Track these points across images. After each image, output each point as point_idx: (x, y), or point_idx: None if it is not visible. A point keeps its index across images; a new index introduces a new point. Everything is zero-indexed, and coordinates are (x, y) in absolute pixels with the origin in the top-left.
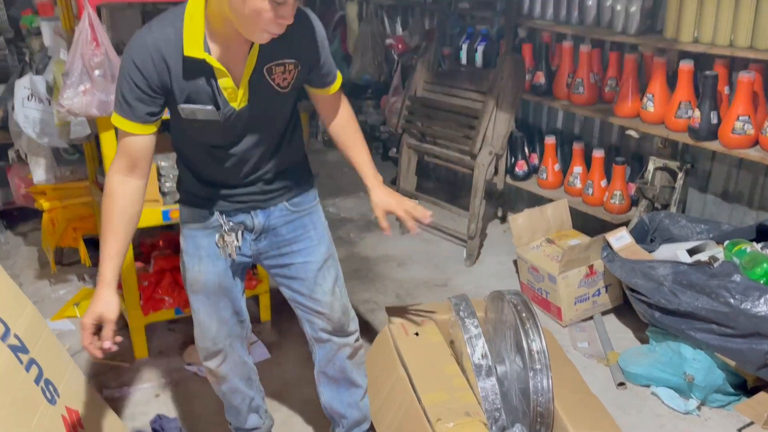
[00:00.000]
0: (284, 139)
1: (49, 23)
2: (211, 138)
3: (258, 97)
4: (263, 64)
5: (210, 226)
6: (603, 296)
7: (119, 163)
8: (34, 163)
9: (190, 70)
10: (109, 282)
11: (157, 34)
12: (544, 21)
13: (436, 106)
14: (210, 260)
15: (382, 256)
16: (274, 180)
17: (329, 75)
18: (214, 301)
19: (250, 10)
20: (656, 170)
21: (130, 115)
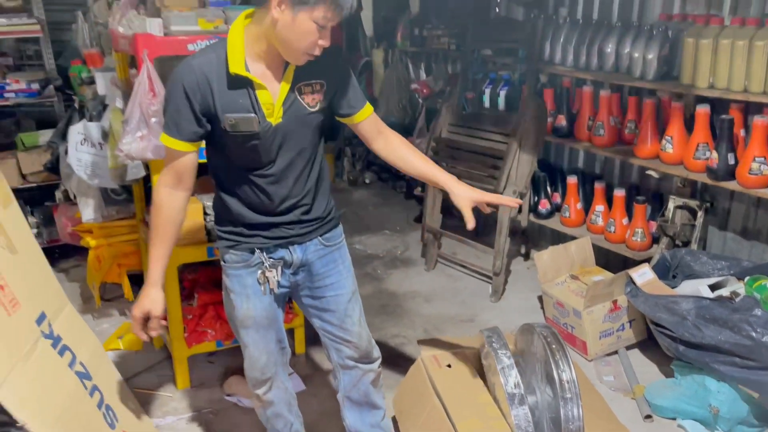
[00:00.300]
0: (314, 164)
1: (104, 74)
2: (251, 156)
3: (291, 114)
4: (296, 84)
5: (252, 264)
6: (627, 331)
7: (167, 177)
8: (83, 203)
9: (231, 85)
10: (155, 282)
11: (200, 59)
12: (565, 67)
13: (460, 147)
14: (257, 297)
15: (409, 292)
16: (309, 209)
17: (357, 101)
18: (263, 334)
19: (299, 32)
20: (676, 209)
21: (177, 134)
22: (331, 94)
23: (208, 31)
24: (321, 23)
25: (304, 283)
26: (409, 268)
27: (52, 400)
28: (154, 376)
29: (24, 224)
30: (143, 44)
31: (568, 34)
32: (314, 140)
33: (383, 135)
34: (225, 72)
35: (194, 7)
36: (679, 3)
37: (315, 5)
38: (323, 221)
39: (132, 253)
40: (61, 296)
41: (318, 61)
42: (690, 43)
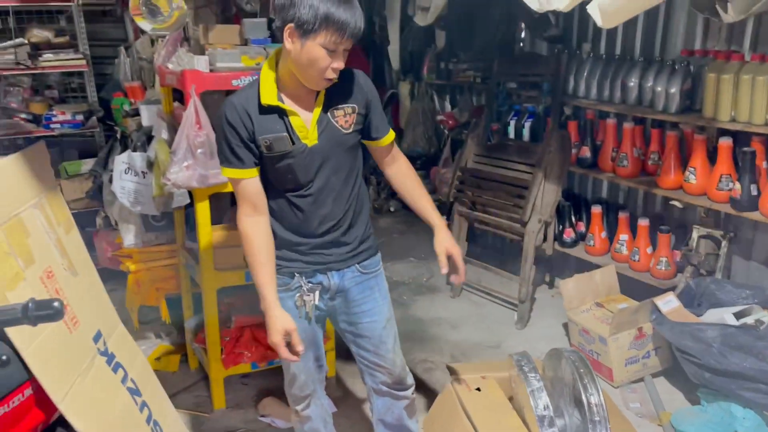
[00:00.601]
0: (354, 186)
1: (149, 107)
2: (289, 176)
3: (327, 136)
4: (327, 109)
5: (292, 288)
6: (653, 358)
7: (244, 208)
8: (124, 228)
9: (267, 113)
10: (274, 303)
11: (239, 96)
12: (589, 100)
13: (486, 176)
14: (296, 319)
15: (435, 318)
16: (347, 231)
17: (381, 127)
18: (303, 354)
19: (311, 59)
20: (700, 238)
21: (240, 164)
22: (363, 117)
23: (251, 67)
24: (330, 48)
25: (340, 308)
26: (434, 295)
27: (106, 413)
28: (191, 396)
29: (83, 248)
30: (191, 80)
31: (592, 69)
32: (352, 162)
33: (397, 162)
34: (260, 104)
35: (237, 45)
36: (701, 39)
37: (318, 32)
38: (361, 248)
39: (170, 278)
40: (114, 316)
41: (348, 87)
42: (712, 78)
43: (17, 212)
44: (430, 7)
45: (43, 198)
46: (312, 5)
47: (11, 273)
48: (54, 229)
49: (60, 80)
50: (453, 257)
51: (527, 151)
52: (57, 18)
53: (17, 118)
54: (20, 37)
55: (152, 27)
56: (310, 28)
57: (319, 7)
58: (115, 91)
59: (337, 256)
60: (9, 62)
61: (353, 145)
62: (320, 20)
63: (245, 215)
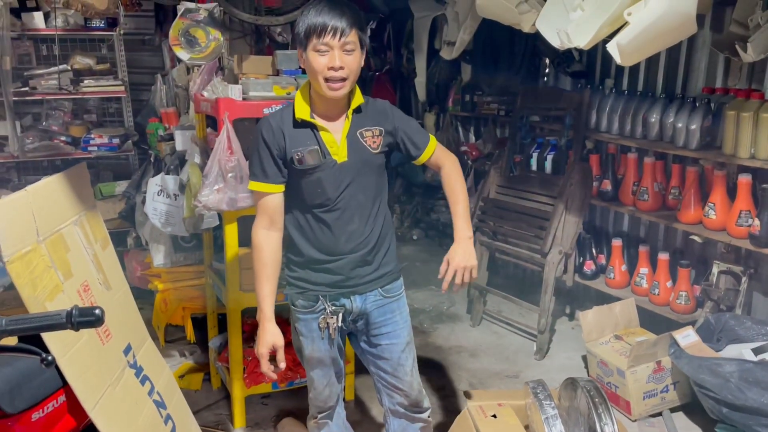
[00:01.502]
0: (380, 207)
1: (183, 132)
2: (318, 190)
3: (355, 154)
4: (356, 129)
5: (317, 310)
6: (671, 393)
7: (262, 221)
8: (154, 249)
9: (299, 128)
10: (270, 317)
11: (275, 116)
12: (611, 135)
13: (508, 207)
14: (320, 339)
15: (454, 347)
16: (372, 252)
17: (419, 143)
18: (326, 371)
19: (312, 65)
20: (720, 274)
21: (266, 179)
22: (390, 140)
23: (282, 96)
24: (321, 49)
25: (362, 330)
26: (455, 324)
27: (133, 424)
28: (212, 414)
29: (117, 264)
30: (224, 107)
31: (614, 104)
32: (378, 183)
33: (444, 167)
34: (293, 121)
35: (269, 75)
36: (722, 77)
37: (308, 39)
38: (384, 271)
39: (196, 297)
40: (143, 330)
41: (374, 113)
42: (732, 116)
43: (59, 228)
44: (456, 42)
45: (83, 216)
46: (303, 23)
47: (51, 285)
48: (92, 245)
49: (99, 105)
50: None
51: (549, 183)
52: (99, 46)
53: (57, 141)
54: (64, 63)
55: (189, 57)
56: (303, 42)
57: (307, 21)
58: (150, 116)
59: (360, 278)
60: (52, 87)
61: (380, 165)
62: (305, 31)
63: (261, 227)
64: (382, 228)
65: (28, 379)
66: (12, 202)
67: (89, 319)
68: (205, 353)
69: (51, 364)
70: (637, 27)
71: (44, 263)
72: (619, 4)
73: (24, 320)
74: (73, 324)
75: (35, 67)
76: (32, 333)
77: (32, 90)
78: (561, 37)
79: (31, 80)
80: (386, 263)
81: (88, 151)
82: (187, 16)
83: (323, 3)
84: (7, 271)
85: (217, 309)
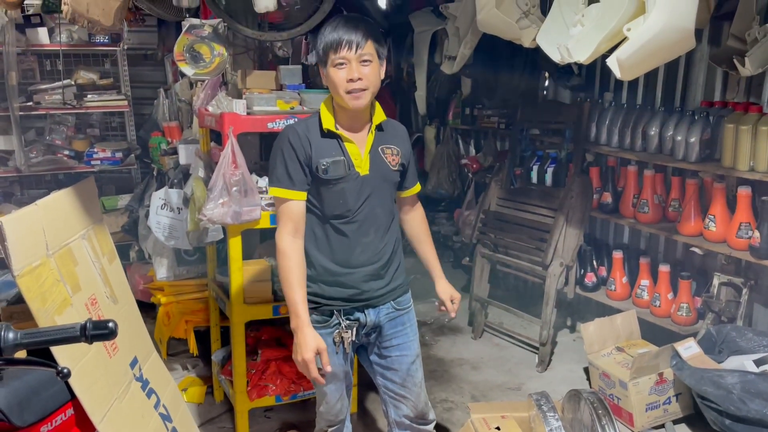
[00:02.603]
0: (393, 222)
1: (187, 146)
2: (340, 201)
3: (377, 168)
4: (378, 146)
5: (331, 325)
6: (674, 404)
7: (287, 227)
8: (157, 262)
9: (326, 139)
10: (308, 322)
11: (300, 124)
12: (610, 147)
13: (508, 219)
14: (334, 354)
15: (456, 359)
16: (385, 265)
17: (411, 180)
18: (340, 385)
19: (333, 79)
20: (721, 285)
21: (291, 185)
22: (405, 161)
23: (285, 111)
24: (339, 63)
25: (373, 342)
26: (456, 336)
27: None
28: (215, 428)
29: (123, 278)
30: (229, 122)
31: (614, 117)
32: (393, 198)
33: (416, 211)
34: (319, 131)
35: (273, 90)
36: (720, 90)
37: (326, 55)
38: (396, 284)
39: (199, 310)
40: (149, 343)
41: (394, 134)
42: (730, 129)
43: (68, 242)
44: (457, 57)
45: (91, 229)
46: (321, 40)
47: (60, 298)
48: (99, 258)
49: (101, 119)
50: (455, 302)
51: (549, 196)
52: (102, 60)
53: (60, 155)
54: (68, 78)
55: (194, 72)
56: (322, 59)
57: (325, 37)
58: (153, 130)
59: (374, 291)
60: (56, 102)
61: (395, 183)
62: (323, 48)
63: (287, 234)
64: (395, 242)
65: (37, 392)
66: (22, 217)
67: (103, 333)
68: (207, 366)
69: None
70: (637, 42)
71: (53, 277)
72: (619, 19)
73: (39, 333)
74: (87, 337)
75: (39, 82)
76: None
77: (36, 105)
78: (561, 52)
79: (35, 95)
80: (398, 276)
81: (91, 165)
82: (192, 32)
83: (338, 19)
84: (18, 284)
85: (219, 322)
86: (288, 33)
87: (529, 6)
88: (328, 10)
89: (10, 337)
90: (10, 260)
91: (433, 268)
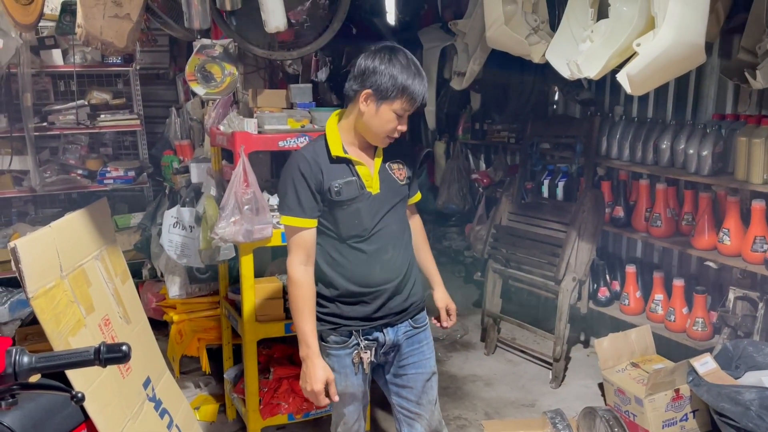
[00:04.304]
0: (408, 236)
1: (198, 165)
2: (356, 222)
3: (387, 186)
4: (386, 162)
5: (350, 345)
6: (691, 421)
7: (299, 257)
8: (170, 280)
9: (336, 164)
10: (318, 353)
11: (308, 149)
12: (622, 161)
13: (520, 234)
14: (353, 375)
15: (469, 375)
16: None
17: (414, 188)
18: (357, 406)
19: (382, 121)
20: (737, 300)
21: (302, 214)
22: (410, 174)
23: (296, 129)
24: (399, 113)
25: (391, 362)
26: (468, 352)
27: None
28: None
29: (136, 298)
30: (240, 141)
31: (624, 131)
32: (405, 213)
33: (414, 219)
34: (328, 156)
35: (284, 108)
36: (731, 104)
37: (394, 99)
38: (413, 300)
39: (211, 328)
40: (162, 363)
41: (399, 148)
42: (743, 142)
43: (81, 263)
44: (466, 73)
45: (104, 250)
46: (392, 76)
47: (74, 320)
48: (112, 279)
49: (114, 138)
50: (450, 312)
51: (561, 210)
52: (115, 80)
53: (74, 174)
54: (81, 98)
55: (206, 92)
56: (387, 95)
57: (398, 78)
58: (165, 148)
59: (393, 307)
60: (70, 122)
61: (406, 196)
62: (398, 90)
63: (299, 263)
64: (411, 257)
65: (51, 414)
66: (37, 239)
67: (117, 356)
68: (220, 384)
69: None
70: (647, 58)
71: (67, 298)
72: (628, 35)
73: (53, 357)
74: (101, 360)
75: (53, 102)
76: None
77: (50, 125)
78: (571, 68)
79: (49, 115)
80: (414, 293)
81: (104, 184)
82: (203, 52)
83: (413, 64)
84: (32, 306)
85: (232, 340)
86: (298, 52)
87: (538, 22)
88: (338, 28)
89: (25, 362)
90: (24, 282)
91: (432, 276)
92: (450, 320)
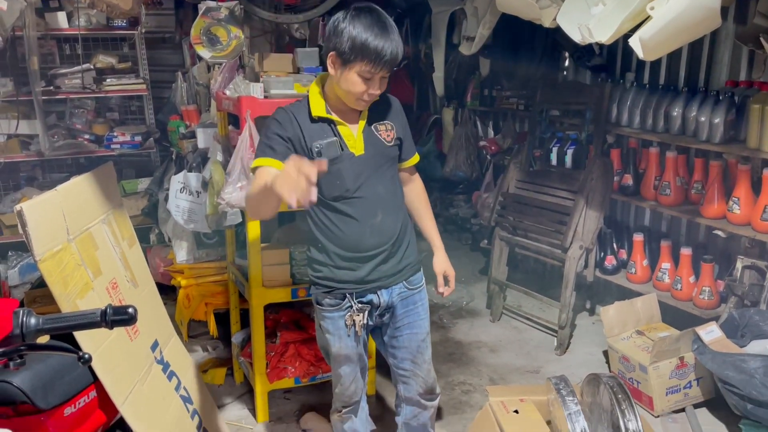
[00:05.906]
0: (399, 199)
1: (205, 130)
2: (339, 182)
3: (372, 147)
4: (371, 123)
5: (343, 308)
6: (694, 389)
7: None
8: (177, 245)
9: (318, 124)
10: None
11: (292, 106)
12: (632, 129)
13: (527, 202)
14: (347, 337)
15: (474, 342)
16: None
17: (409, 150)
18: (353, 368)
19: (349, 83)
20: (744, 269)
21: (272, 154)
22: (400, 135)
23: (303, 94)
24: (365, 76)
25: (387, 323)
26: (474, 319)
27: (161, 419)
28: (235, 409)
29: (143, 262)
30: (246, 105)
31: (635, 98)
32: (395, 175)
33: (414, 183)
34: (309, 116)
35: (290, 73)
36: (745, 70)
37: (354, 62)
38: (408, 262)
39: (219, 293)
40: (169, 327)
41: (387, 108)
42: (756, 109)
43: (88, 227)
44: (476, 37)
45: (111, 214)
46: (351, 36)
47: (82, 283)
48: (119, 243)
49: (121, 103)
50: (449, 278)
51: (569, 178)
52: (121, 44)
53: (81, 139)
54: (87, 62)
55: (211, 55)
56: (348, 58)
57: (356, 38)
58: (171, 113)
59: (386, 270)
60: (76, 86)
61: (394, 158)
62: (356, 51)
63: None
64: (404, 220)
65: (60, 375)
66: (43, 203)
67: (123, 318)
68: (227, 348)
69: (88, 361)
70: (660, 21)
71: (74, 261)
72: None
73: (60, 319)
74: (108, 323)
75: (59, 66)
76: (67, 331)
77: (56, 89)
78: (582, 32)
79: (55, 79)
80: (408, 255)
81: (111, 149)
82: (209, 14)
83: (377, 24)
84: (39, 269)
85: (239, 304)
86: (304, 15)
87: None
88: None
89: (33, 323)
90: (31, 245)
91: (433, 240)
92: (448, 287)
